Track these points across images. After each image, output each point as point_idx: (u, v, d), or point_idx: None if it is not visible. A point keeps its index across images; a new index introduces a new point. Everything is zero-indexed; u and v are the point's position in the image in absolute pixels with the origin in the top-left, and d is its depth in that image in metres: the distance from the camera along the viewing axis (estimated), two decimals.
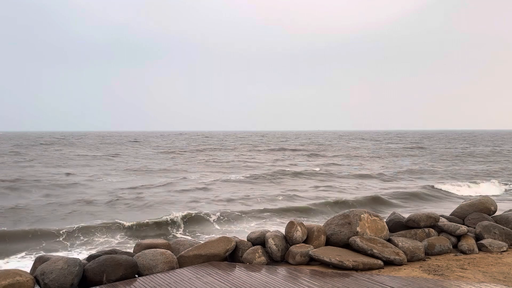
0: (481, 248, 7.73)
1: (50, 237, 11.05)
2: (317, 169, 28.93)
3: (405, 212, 11.14)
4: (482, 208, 8.97)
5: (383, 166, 31.98)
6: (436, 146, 64.10)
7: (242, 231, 11.65)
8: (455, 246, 7.87)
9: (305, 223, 7.79)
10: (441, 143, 74.23)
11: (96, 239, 11.00)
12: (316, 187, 20.91)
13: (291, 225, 7.47)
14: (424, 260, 7.15)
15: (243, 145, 68.96)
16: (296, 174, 25.85)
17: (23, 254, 9.39)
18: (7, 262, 8.73)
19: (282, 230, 7.72)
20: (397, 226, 8.28)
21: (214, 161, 36.32)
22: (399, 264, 6.80)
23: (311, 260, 6.94)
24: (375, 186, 21.39)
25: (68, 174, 25.52)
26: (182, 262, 6.69)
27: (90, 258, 6.39)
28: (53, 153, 45.69)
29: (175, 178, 23.83)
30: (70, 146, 65.12)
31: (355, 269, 6.47)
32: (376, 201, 16.73)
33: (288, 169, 28.73)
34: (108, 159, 37.67)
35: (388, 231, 7.68)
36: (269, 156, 44.07)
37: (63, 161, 35.25)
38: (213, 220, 12.99)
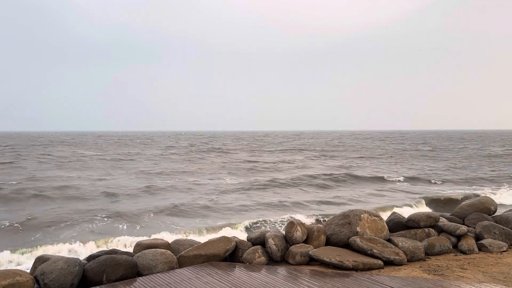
0: (481, 248, 7.73)
1: (50, 237, 11.06)
2: (337, 172, 27.04)
3: None
4: (482, 208, 8.98)
5: (408, 168, 30.35)
6: (447, 146, 62.34)
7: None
8: (455, 246, 7.87)
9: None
10: (449, 143, 73.04)
11: (96, 239, 10.99)
12: (344, 197, 18.54)
13: (291, 225, 7.46)
14: (424, 260, 7.16)
15: (248, 146, 68.53)
16: (317, 178, 23.91)
17: (23, 254, 9.39)
18: (7, 262, 8.74)
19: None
20: (397, 226, 8.29)
21: (225, 163, 34.90)
22: (399, 264, 6.81)
23: (311, 260, 6.94)
24: (413, 191, 20.08)
25: (69, 176, 25.48)
26: (182, 262, 6.69)
27: (90, 258, 6.40)
28: (56, 154, 45.68)
29: (187, 180, 23.18)
30: (72, 146, 65.11)
31: (355, 269, 6.47)
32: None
33: (307, 172, 27.18)
34: (113, 160, 37.49)
35: (388, 231, 7.68)
36: (280, 157, 42.60)
37: (66, 163, 35.22)
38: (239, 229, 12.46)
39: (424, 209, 15.85)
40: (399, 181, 23.86)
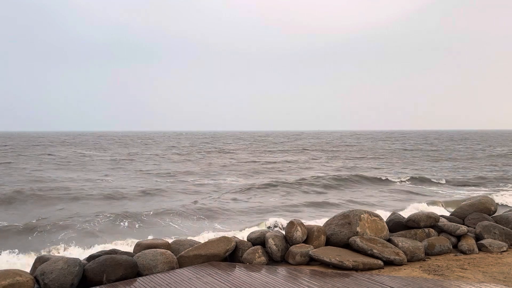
0: (481, 248, 7.73)
1: (50, 237, 11.07)
2: (341, 172, 26.31)
3: None
4: (482, 208, 8.98)
5: (413, 169, 29.65)
6: (449, 146, 61.22)
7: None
8: (455, 246, 7.87)
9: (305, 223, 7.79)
10: (451, 143, 72.29)
11: (96, 239, 11.00)
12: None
13: (291, 225, 7.46)
14: (424, 260, 7.16)
15: (250, 146, 68.21)
16: (321, 179, 23.07)
17: (22, 254, 9.40)
18: (7, 261, 8.74)
19: (281, 229, 7.73)
20: (397, 226, 8.28)
21: (227, 164, 34.28)
22: (399, 264, 6.81)
23: (311, 260, 6.94)
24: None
25: (69, 176, 25.49)
26: (182, 262, 6.70)
27: (90, 258, 6.41)
28: (57, 154, 45.70)
29: (189, 181, 22.88)
30: (72, 146, 65.13)
31: (355, 269, 6.47)
32: None
33: (311, 172, 26.45)
34: (114, 161, 37.44)
35: (388, 231, 7.68)
36: (283, 157, 41.90)
37: (67, 163, 35.24)
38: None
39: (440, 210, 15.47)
40: (404, 181, 23.52)
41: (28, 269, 6.42)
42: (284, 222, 12.39)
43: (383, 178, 24.39)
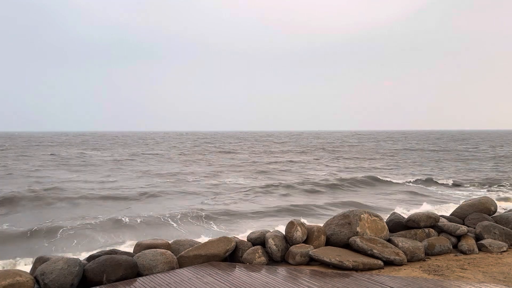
0: (481, 248, 7.73)
1: (50, 237, 11.08)
2: (346, 174, 26.08)
3: None
4: (482, 208, 8.97)
5: (418, 170, 29.16)
6: (452, 147, 60.67)
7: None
8: (455, 246, 7.87)
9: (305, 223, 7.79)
10: (454, 144, 71.81)
11: (96, 239, 11.01)
12: None
13: (291, 225, 7.47)
14: (424, 260, 7.16)
15: (252, 146, 68.09)
16: (326, 180, 22.77)
17: (23, 254, 9.41)
18: (7, 262, 8.75)
19: (283, 230, 7.72)
20: (397, 226, 8.28)
21: (231, 164, 33.96)
22: (399, 264, 6.81)
23: (311, 260, 6.95)
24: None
25: (70, 177, 25.50)
26: (182, 262, 6.70)
27: (90, 258, 6.41)
28: (57, 154, 45.72)
29: (191, 182, 22.82)
30: (73, 147, 65.15)
31: (355, 269, 6.47)
32: None
33: (315, 173, 26.29)
34: (115, 161, 37.44)
35: (388, 231, 7.68)
36: (286, 158, 41.37)
37: (67, 163, 35.26)
38: None
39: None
40: (410, 182, 23.27)
41: (28, 269, 6.43)
42: (285, 222, 12.27)
43: (388, 179, 24.28)
